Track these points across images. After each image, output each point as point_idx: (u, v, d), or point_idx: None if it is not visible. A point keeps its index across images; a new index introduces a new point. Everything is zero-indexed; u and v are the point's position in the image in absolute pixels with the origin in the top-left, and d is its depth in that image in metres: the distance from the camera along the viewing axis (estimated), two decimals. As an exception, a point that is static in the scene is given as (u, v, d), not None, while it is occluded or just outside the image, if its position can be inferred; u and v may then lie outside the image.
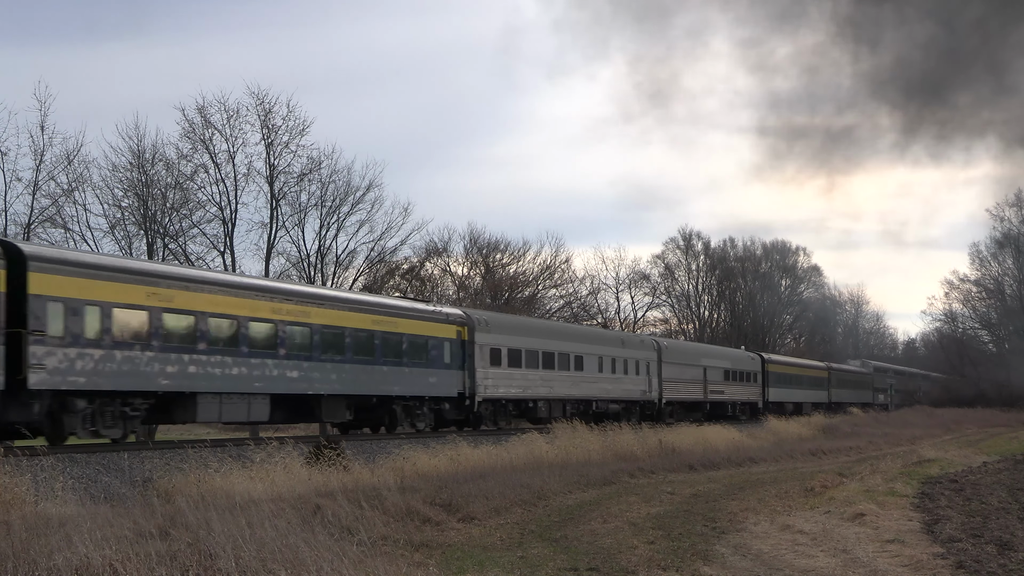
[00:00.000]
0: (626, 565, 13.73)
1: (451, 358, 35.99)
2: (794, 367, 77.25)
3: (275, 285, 32.04)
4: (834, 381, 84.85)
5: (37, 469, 18.98)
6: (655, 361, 51.64)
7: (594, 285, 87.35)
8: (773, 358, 73.15)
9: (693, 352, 60.86)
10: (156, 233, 49.31)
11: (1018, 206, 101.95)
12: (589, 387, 44.88)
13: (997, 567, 13.36)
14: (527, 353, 40.61)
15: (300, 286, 35.44)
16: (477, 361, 37.14)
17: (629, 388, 48.67)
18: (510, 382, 39.32)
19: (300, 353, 29.36)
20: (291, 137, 52.47)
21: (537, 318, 61.78)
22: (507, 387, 39.12)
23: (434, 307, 38.07)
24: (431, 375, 34.92)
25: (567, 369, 43.29)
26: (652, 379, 51.03)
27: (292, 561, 11.30)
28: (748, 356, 68.21)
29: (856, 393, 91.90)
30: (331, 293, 35.04)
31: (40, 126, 44.48)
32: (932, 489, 22.38)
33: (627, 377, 48.55)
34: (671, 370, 53.26)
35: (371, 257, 57.89)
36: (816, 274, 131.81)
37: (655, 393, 51.19)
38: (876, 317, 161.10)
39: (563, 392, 42.61)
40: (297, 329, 29.42)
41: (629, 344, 50.80)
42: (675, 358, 54.64)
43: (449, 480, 21.77)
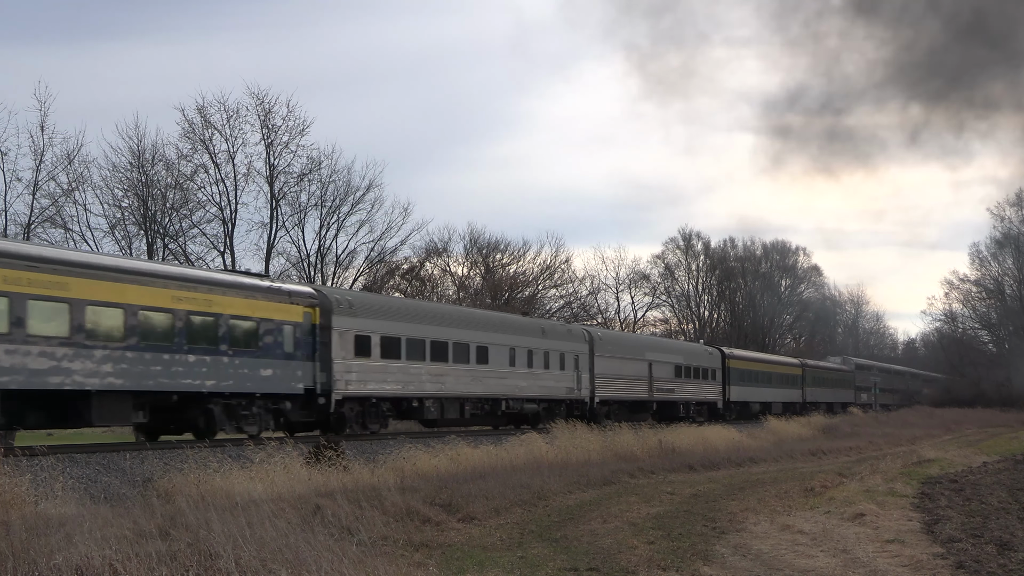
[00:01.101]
0: (626, 565, 13.73)
1: (295, 346, 29.18)
2: (761, 363, 70.69)
3: (19, 248, 23.89)
4: (809, 379, 79.10)
5: (37, 469, 18.99)
6: (586, 354, 45.13)
7: (594, 285, 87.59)
8: (735, 353, 66.88)
9: (634, 344, 54.10)
10: (156, 233, 49.43)
11: (1018, 206, 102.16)
12: (496, 384, 38.56)
13: (997, 567, 13.36)
14: (409, 342, 34.07)
15: (54, 250, 26.55)
16: (336, 350, 30.56)
17: (550, 385, 42.25)
18: (384, 377, 32.76)
19: (53, 337, 22.53)
20: (291, 137, 52.71)
21: (427, 301, 54.80)
22: (379, 383, 32.56)
23: (271, 283, 30.47)
24: (264, 367, 27.93)
25: (466, 362, 36.92)
26: (582, 374, 44.57)
27: (292, 561, 11.30)
28: (705, 350, 62.12)
29: (835, 392, 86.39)
30: (106, 260, 26.67)
31: (40, 126, 44.80)
32: (932, 489, 22.38)
33: (548, 372, 42.16)
34: (606, 364, 46.79)
35: (371, 257, 58.12)
36: (816, 274, 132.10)
37: (586, 391, 44.90)
38: (876, 317, 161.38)
39: (460, 389, 36.38)
40: (48, 306, 22.53)
41: (552, 334, 43.87)
42: (612, 351, 47.98)
43: (449, 480, 21.78)
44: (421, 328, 35.02)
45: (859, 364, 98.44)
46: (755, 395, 66.54)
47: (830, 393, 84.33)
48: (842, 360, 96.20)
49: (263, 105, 51.93)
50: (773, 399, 69.59)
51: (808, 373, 78.92)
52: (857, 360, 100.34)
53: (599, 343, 46.72)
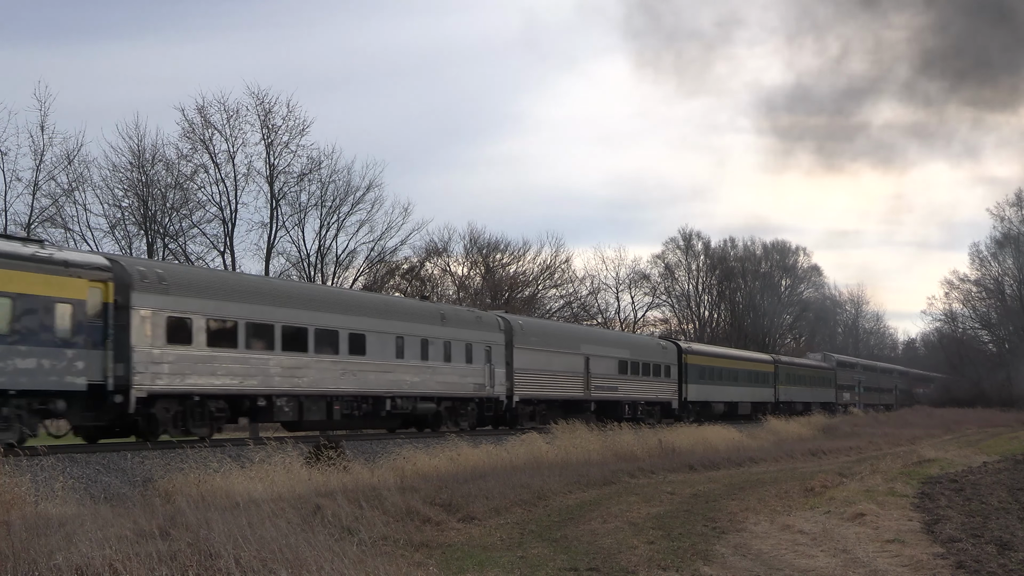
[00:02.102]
0: (626, 565, 13.73)
1: (75, 330, 23.41)
2: (725, 359, 64.43)
3: None
4: (782, 376, 72.71)
5: (37, 469, 19.01)
6: (501, 345, 39.19)
7: (594, 285, 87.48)
8: (694, 348, 61.05)
9: (566, 335, 47.06)
10: (156, 233, 49.36)
11: (1018, 206, 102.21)
12: (378, 379, 32.65)
13: (997, 567, 13.36)
14: (251, 328, 28.10)
15: None
16: (138, 336, 24.81)
17: (453, 380, 36.26)
18: (212, 369, 26.75)
19: None
20: (291, 137, 52.54)
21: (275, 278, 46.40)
22: (206, 376, 26.56)
23: (40, 249, 23.98)
24: (19, 356, 22.19)
25: (334, 352, 30.97)
26: (496, 369, 38.55)
27: (292, 561, 11.30)
28: (658, 344, 56.11)
29: (813, 391, 79.90)
30: None
31: (40, 126, 44.58)
32: (932, 489, 22.38)
33: (450, 366, 36.07)
34: (529, 357, 40.93)
35: (371, 257, 57.98)
36: (816, 274, 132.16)
37: (501, 388, 38.87)
38: (876, 317, 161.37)
39: (326, 385, 30.53)
40: None
41: (456, 321, 37.59)
42: (535, 342, 41.97)
43: (449, 480, 21.78)
44: (269, 311, 28.80)
45: (841, 361, 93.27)
46: (718, 394, 60.44)
47: (807, 392, 78.64)
48: (822, 357, 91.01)
49: (263, 105, 51.81)
50: (740, 398, 64.05)
51: (781, 370, 73.02)
52: (839, 357, 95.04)
53: (519, 333, 40.88)
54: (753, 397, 66.38)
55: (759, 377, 68.45)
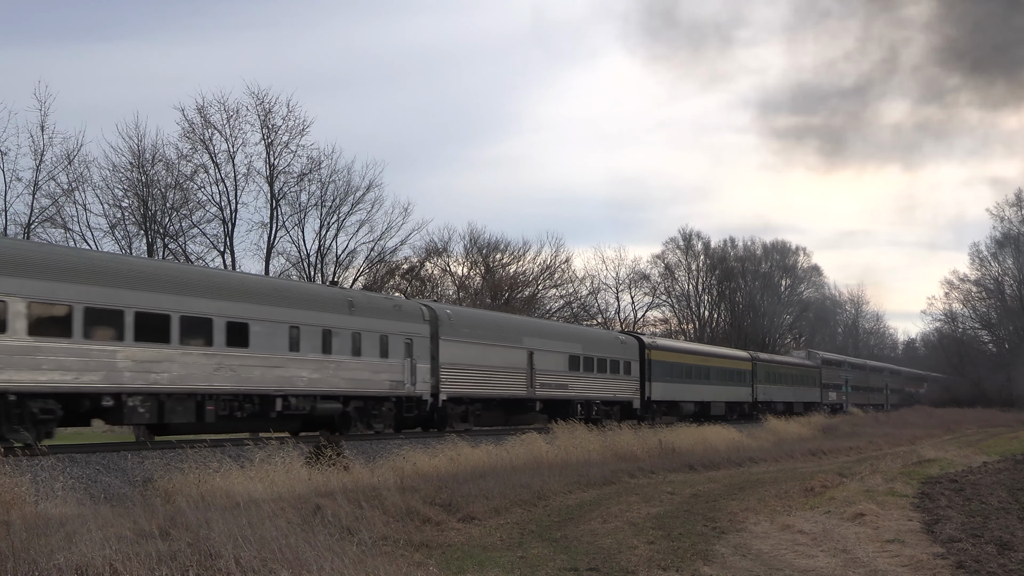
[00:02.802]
0: (626, 565, 13.73)
1: None
2: (694, 355, 60.13)
3: None
4: (761, 375, 68.51)
5: (37, 469, 19.02)
6: (425, 337, 35.18)
7: (594, 285, 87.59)
8: (659, 343, 56.44)
9: (505, 327, 42.44)
10: (156, 233, 49.44)
11: (1018, 206, 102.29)
12: (264, 375, 28.36)
13: (997, 567, 13.36)
14: (92, 313, 23.84)
15: None
16: None
17: (363, 377, 31.97)
18: (34, 361, 22.46)
19: None
20: (291, 137, 52.71)
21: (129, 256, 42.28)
22: (23, 371, 22.27)
23: None
24: None
25: (205, 343, 26.66)
26: (418, 364, 34.42)
27: (293, 561, 11.30)
28: (616, 338, 51.62)
29: (795, 390, 75.94)
30: None
31: (40, 126, 44.79)
32: (932, 489, 22.38)
33: (359, 360, 31.80)
34: (460, 351, 36.94)
35: (371, 257, 58.12)
36: (816, 274, 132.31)
37: (425, 385, 34.81)
38: (876, 317, 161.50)
39: (196, 382, 26.22)
40: None
41: (367, 309, 33.00)
42: (467, 334, 37.80)
43: (449, 480, 21.78)
44: (116, 294, 24.60)
45: (827, 359, 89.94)
46: (687, 393, 56.32)
47: (789, 392, 74.79)
48: (807, 354, 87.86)
49: (263, 105, 52.00)
50: (713, 398, 59.74)
51: (760, 368, 68.66)
52: (824, 354, 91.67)
53: (447, 324, 36.72)
54: (728, 397, 62.48)
55: (734, 375, 64.30)
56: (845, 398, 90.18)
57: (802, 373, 79.41)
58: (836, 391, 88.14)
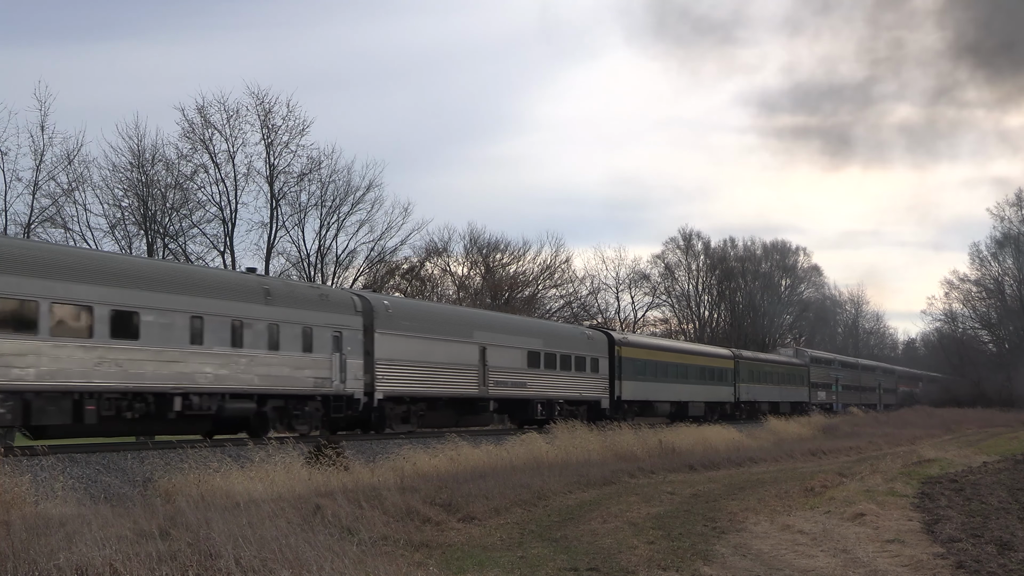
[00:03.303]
0: (626, 565, 13.73)
1: None
2: (670, 352, 56.48)
3: None
4: (744, 373, 64.95)
5: (37, 469, 19.02)
6: (357, 330, 31.88)
7: (594, 285, 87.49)
8: (630, 339, 52.72)
9: (453, 320, 38.94)
10: (156, 233, 49.39)
11: (1018, 206, 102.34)
12: (159, 370, 25.18)
13: (997, 567, 13.37)
14: None
15: None
16: None
17: (283, 373, 28.84)
18: None
19: None
20: (291, 137, 52.60)
21: None
22: None
23: None
24: None
25: (83, 334, 23.78)
26: (350, 359, 31.22)
27: (293, 561, 11.31)
28: (583, 333, 48.00)
29: (781, 389, 72.53)
30: None
31: (40, 126, 44.60)
32: (932, 489, 22.39)
33: (277, 355, 28.63)
34: (398, 345, 33.49)
35: (371, 257, 58.03)
36: (816, 274, 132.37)
37: (357, 383, 31.51)
38: (876, 317, 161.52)
39: (72, 378, 23.36)
40: None
41: (285, 299, 29.78)
42: (408, 327, 34.38)
43: (449, 480, 21.79)
44: None
45: (815, 357, 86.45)
46: (661, 393, 52.88)
47: (775, 391, 71.23)
48: (795, 352, 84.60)
49: (263, 105, 51.87)
50: (691, 398, 56.35)
51: (743, 366, 65.21)
52: (813, 352, 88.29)
53: (384, 316, 33.42)
54: (708, 396, 59.02)
55: (715, 374, 60.78)
56: (835, 398, 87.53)
57: (789, 372, 76.05)
58: (826, 390, 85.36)
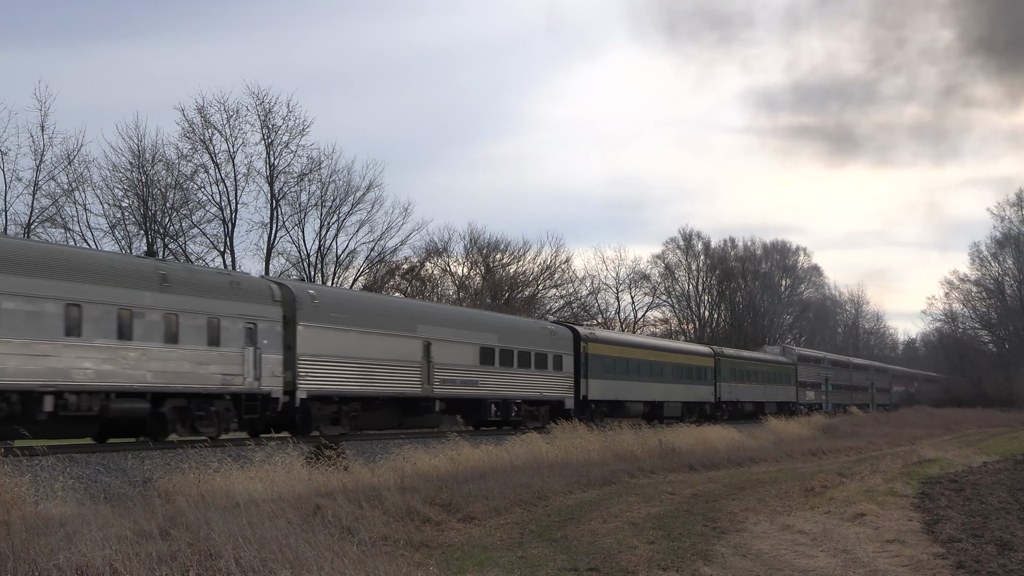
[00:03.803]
0: (626, 565, 13.73)
1: None
2: (642, 349, 52.53)
3: None
4: (725, 372, 61.63)
5: (37, 469, 19.02)
6: (276, 321, 28.90)
7: (594, 285, 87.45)
8: (598, 334, 49.18)
9: (392, 312, 35.26)
10: (156, 233, 49.41)
11: (1018, 206, 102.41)
12: (21, 365, 22.32)
13: (997, 567, 13.36)
14: None
15: None
16: None
17: (184, 370, 25.78)
18: None
19: None
20: (291, 137, 52.65)
21: None
22: None
23: None
24: None
25: None
26: (265, 354, 28.23)
27: (293, 561, 11.30)
28: (544, 328, 44.43)
29: (767, 389, 69.13)
30: None
31: (40, 126, 44.69)
32: (932, 489, 22.40)
33: (177, 349, 25.57)
34: (326, 340, 30.51)
35: (371, 257, 58.06)
36: (816, 274, 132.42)
37: (275, 380, 28.50)
38: (876, 317, 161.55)
39: None
40: None
41: (186, 286, 26.62)
42: (338, 319, 31.27)
43: (449, 480, 21.79)
44: None
45: (804, 355, 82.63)
46: (633, 392, 49.39)
47: (760, 391, 67.82)
48: (781, 350, 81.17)
49: (263, 105, 51.93)
50: (666, 397, 52.90)
51: (724, 364, 61.84)
52: (801, 350, 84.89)
53: (309, 307, 30.27)
54: (686, 396, 55.59)
55: (693, 372, 57.39)
56: (825, 397, 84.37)
57: (775, 370, 72.27)
58: (815, 390, 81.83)
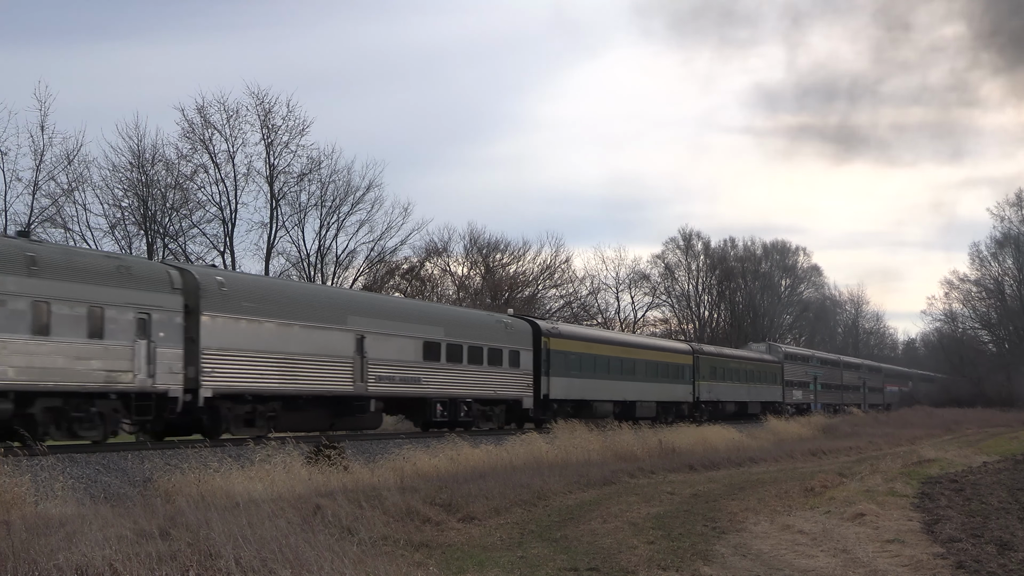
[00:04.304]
0: (626, 565, 13.73)
1: None
2: (611, 346, 48.76)
3: None
4: (705, 370, 58.25)
5: (37, 469, 19.00)
6: (176, 311, 26.00)
7: (594, 285, 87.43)
8: (561, 329, 45.20)
9: (318, 303, 31.83)
10: (156, 233, 49.40)
11: (1018, 206, 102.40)
12: None
13: (997, 567, 13.36)
14: None
15: None
16: None
17: (56, 366, 23.17)
18: None
19: None
20: (291, 137, 52.64)
21: None
22: None
23: None
24: None
25: None
26: (160, 348, 25.36)
27: (293, 561, 11.30)
28: (498, 321, 40.48)
29: (750, 388, 65.90)
30: None
31: (40, 126, 44.63)
32: (932, 489, 22.39)
33: (44, 342, 22.87)
34: (235, 332, 27.66)
35: (371, 257, 58.05)
36: (816, 274, 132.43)
37: (174, 377, 25.69)
38: (876, 317, 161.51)
39: None
40: None
41: (57, 269, 23.68)
42: (249, 310, 28.25)
43: (449, 480, 21.79)
44: None
45: (791, 353, 78.90)
46: (600, 391, 45.62)
47: (743, 390, 64.43)
48: (767, 347, 77.07)
49: (263, 105, 51.89)
50: (638, 397, 49.12)
51: (703, 362, 58.39)
52: (788, 348, 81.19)
53: (216, 295, 27.36)
54: (660, 395, 51.99)
55: (670, 370, 54.00)
56: (814, 397, 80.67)
57: (759, 369, 68.55)
58: (802, 389, 78.25)
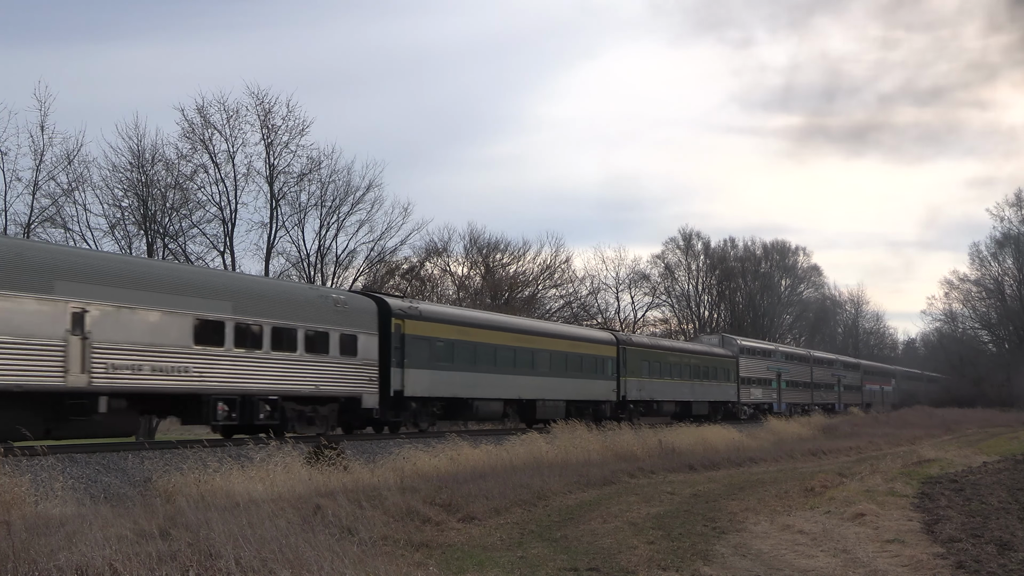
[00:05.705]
0: (626, 565, 13.73)
1: None
2: (500, 332, 39.79)
3: None
4: (632, 364, 49.30)
5: (37, 469, 19.00)
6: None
7: (594, 285, 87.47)
8: (425, 309, 36.07)
9: None
10: (156, 233, 49.39)
11: (1018, 206, 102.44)
12: None
13: (997, 567, 13.36)
14: None
15: None
16: None
17: None
18: None
19: None
20: (291, 137, 52.64)
21: None
22: None
23: None
24: None
25: None
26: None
27: (293, 561, 11.30)
28: (325, 297, 31.65)
29: (694, 386, 56.66)
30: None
31: (40, 126, 44.64)
32: (932, 489, 22.39)
33: None
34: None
35: (371, 257, 58.06)
36: (816, 274, 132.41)
37: None
38: (876, 317, 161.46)
39: None
40: None
41: None
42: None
43: (449, 480, 21.78)
44: None
45: (748, 347, 68.38)
46: (481, 387, 37.66)
47: (685, 388, 55.40)
48: (720, 340, 67.16)
49: (263, 105, 51.91)
50: (538, 395, 41.16)
51: (631, 355, 49.40)
52: (744, 341, 69.98)
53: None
54: (572, 393, 43.71)
55: (585, 363, 45.27)
56: (777, 396, 71.08)
57: (707, 364, 59.57)
58: (763, 387, 68.86)
